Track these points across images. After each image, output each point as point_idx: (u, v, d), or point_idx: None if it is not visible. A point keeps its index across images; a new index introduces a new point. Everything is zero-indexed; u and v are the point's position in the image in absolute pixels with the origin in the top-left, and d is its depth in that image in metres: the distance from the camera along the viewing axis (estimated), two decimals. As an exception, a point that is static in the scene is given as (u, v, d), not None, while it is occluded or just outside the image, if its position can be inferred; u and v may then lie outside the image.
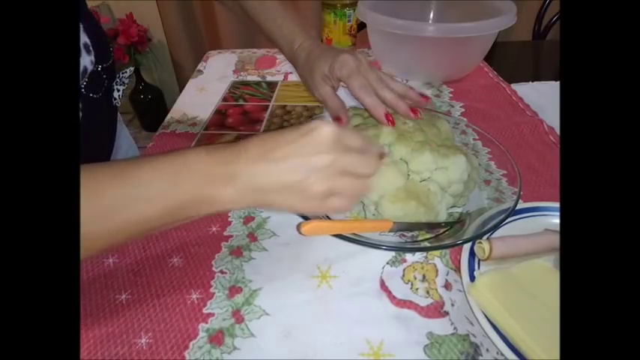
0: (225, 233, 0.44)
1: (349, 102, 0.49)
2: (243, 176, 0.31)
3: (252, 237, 0.43)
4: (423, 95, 0.46)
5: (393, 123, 0.43)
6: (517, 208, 0.40)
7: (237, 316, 0.35)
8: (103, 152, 0.55)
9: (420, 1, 0.81)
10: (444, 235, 0.42)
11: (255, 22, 0.56)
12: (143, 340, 0.34)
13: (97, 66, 0.47)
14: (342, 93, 0.49)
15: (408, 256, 0.40)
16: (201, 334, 0.34)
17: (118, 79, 0.54)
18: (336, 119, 0.48)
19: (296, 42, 0.52)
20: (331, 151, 0.31)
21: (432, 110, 0.54)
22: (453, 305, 0.36)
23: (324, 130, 0.31)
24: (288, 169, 0.31)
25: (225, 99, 0.72)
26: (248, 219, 0.46)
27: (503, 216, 0.38)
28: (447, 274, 0.38)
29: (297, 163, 0.31)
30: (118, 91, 0.54)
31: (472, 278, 0.36)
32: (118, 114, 0.63)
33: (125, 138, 0.66)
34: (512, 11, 0.65)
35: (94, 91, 0.47)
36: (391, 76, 0.47)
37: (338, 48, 0.49)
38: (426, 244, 0.41)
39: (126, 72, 0.55)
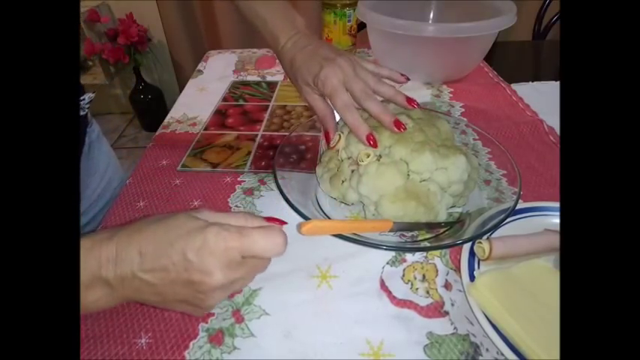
0: (225, 233, 0.44)
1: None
2: (117, 290, 0.29)
3: (252, 237, 0.43)
4: (410, 100, 0.44)
5: (375, 145, 0.41)
6: (517, 208, 0.40)
7: (237, 316, 0.35)
8: None
9: (420, 1, 0.81)
10: (444, 235, 0.42)
11: (244, 18, 0.53)
12: (143, 340, 0.34)
13: None
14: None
15: (408, 256, 0.40)
16: (201, 333, 0.34)
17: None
18: (325, 134, 0.46)
19: (280, 40, 0.49)
20: (221, 273, 0.28)
21: (432, 110, 0.54)
22: (453, 305, 0.36)
23: (216, 247, 0.27)
24: (170, 289, 0.28)
25: (225, 99, 0.72)
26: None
27: (503, 216, 0.38)
28: (447, 274, 0.38)
29: (181, 284, 0.28)
30: None
31: (472, 278, 0.36)
32: (95, 134, 0.60)
33: (103, 157, 0.62)
34: (512, 11, 0.65)
35: None
36: (380, 75, 0.46)
37: (322, 52, 0.45)
38: (426, 244, 0.41)
39: (84, 98, 0.49)
